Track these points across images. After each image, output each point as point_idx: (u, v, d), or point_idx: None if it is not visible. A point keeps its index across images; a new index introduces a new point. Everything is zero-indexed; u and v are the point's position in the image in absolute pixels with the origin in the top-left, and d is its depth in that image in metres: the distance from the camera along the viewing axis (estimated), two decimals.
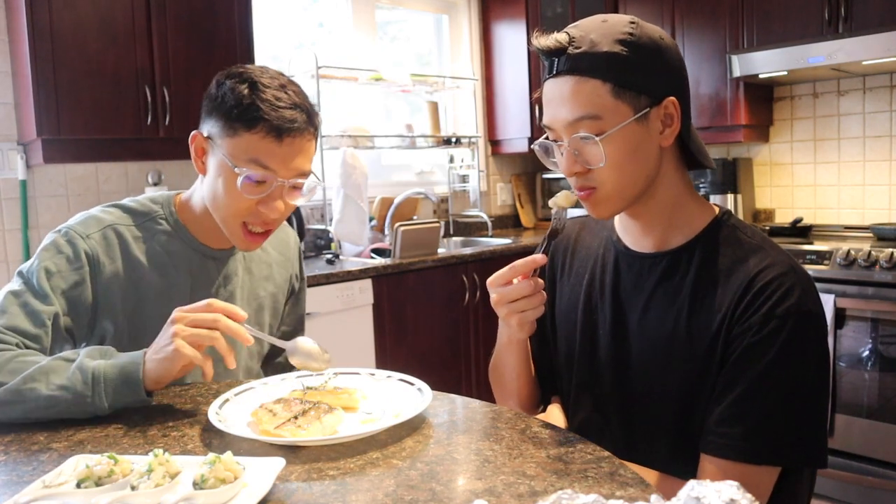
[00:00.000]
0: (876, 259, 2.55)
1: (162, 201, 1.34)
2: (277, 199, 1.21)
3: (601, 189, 1.04)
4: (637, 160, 1.03)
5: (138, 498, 0.77)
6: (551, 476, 0.83)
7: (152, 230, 1.30)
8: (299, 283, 1.53)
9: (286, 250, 1.48)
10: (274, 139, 1.16)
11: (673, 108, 1.03)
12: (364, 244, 3.19)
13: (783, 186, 3.51)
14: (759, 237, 1.08)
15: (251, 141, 1.16)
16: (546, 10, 3.76)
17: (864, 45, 2.72)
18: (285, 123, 1.16)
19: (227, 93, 1.18)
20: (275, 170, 1.18)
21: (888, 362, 2.56)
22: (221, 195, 1.22)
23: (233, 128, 1.17)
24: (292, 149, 1.18)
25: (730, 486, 0.58)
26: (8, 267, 2.63)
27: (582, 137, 1.01)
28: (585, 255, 1.22)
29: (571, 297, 1.22)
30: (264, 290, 1.42)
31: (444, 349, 3.03)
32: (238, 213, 1.22)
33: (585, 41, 1.01)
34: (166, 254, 1.29)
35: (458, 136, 3.76)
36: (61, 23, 2.38)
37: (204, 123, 1.24)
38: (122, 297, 1.26)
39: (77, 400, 1.04)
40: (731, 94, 3.27)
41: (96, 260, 1.24)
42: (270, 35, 3.30)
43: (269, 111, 1.15)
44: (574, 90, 1.01)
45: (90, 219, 1.28)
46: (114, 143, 2.52)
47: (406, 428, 0.99)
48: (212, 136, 1.21)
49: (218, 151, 1.20)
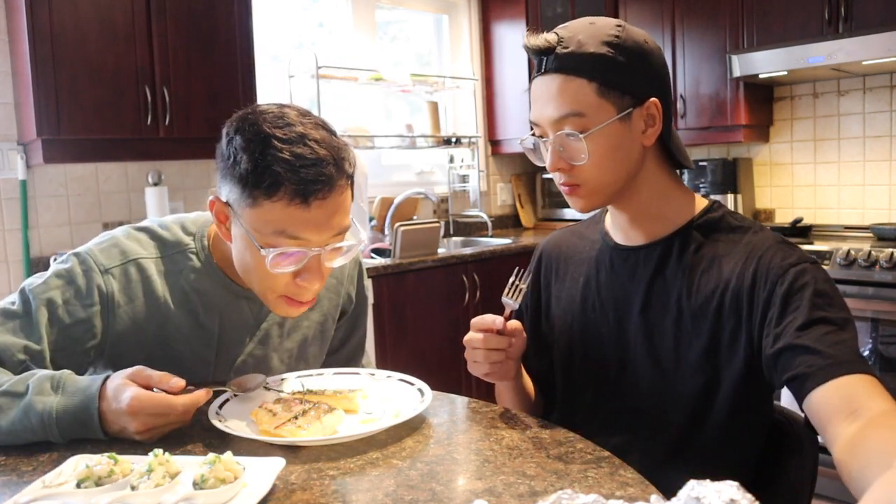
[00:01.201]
0: (876, 259, 2.55)
1: (195, 231, 1.18)
2: (315, 269, 1.05)
3: (584, 186, 1.08)
4: (618, 158, 1.07)
5: (138, 498, 0.77)
6: (551, 476, 0.83)
7: (181, 264, 1.15)
8: (353, 307, 1.34)
9: (339, 272, 1.30)
10: (300, 205, 0.98)
11: (655, 109, 1.07)
12: (364, 244, 3.19)
13: (783, 186, 3.51)
14: (749, 221, 1.13)
15: (274, 210, 0.99)
16: (546, 10, 3.76)
17: (864, 45, 2.72)
18: (311, 186, 0.98)
19: (239, 153, 1.00)
20: (307, 239, 1.01)
21: (888, 362, 2.56)
22: (252, 269, 1.06)
23: (252, 196, 1.00)
24: (324, 211, 1.00)
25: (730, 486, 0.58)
26: (8, 267, 2.63)
27: (567, 134, 1.04)
28: (579, 260, 1.23)
29: (568, 300, 1.22)
30: (308, 319, 1.26)
31: (444, 349, 3.03)
32: (275, 289, 1.07)
33: (573, 42, 1.04)
34: (195, 292, 1.15)
35: (458, 136, 3.76)
36: (61, 23, 2.38)
37: (221, 186, 1.06)
38: (138, 341, 1.13)
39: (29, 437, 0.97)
40: (731, 94, 3.27)
41: (112, 300, 1.11)
42: (270, 35, 3.30)
43: (290, 175, 0.97)
44: (560, 88, 1.04)
45: (114, 248, 1.14)
46: (114, 143, 2.52)
47: (406, 428, 0.99)
48: (231, 205, 1.04)
49: (240, 222, 1.03)
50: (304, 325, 1.26)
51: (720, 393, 1.06)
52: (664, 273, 1.11)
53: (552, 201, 4.17)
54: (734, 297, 1.04)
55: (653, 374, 1.10)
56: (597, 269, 1.19)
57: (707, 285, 1.07)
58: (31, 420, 0.96)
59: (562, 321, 1.22)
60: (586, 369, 1.17)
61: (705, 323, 1.06)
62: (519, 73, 3.85)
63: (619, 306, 1.14)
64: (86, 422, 0.96)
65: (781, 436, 1.16)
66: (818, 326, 0.95)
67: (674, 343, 1.08)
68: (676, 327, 1.08)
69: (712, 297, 1.05)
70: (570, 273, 1.23)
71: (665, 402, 1.09)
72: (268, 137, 0.99)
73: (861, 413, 0.85)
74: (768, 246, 1.05)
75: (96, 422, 0.96)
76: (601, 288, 1.17)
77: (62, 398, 0.97)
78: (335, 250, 1.06)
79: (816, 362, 0.92)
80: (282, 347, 1.25)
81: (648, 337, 1.10)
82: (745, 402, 1.06)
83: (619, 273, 1.15)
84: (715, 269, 1.07)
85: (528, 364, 1.25)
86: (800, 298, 0.98)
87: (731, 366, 1.04)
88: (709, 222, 1.11)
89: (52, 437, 0.97)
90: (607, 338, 1.15)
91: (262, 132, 1.00)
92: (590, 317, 1.18)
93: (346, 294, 1.32)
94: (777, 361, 0.97)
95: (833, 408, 0.88)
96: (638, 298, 1.12)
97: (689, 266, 1.09)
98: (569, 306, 1.21)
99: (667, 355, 1.09)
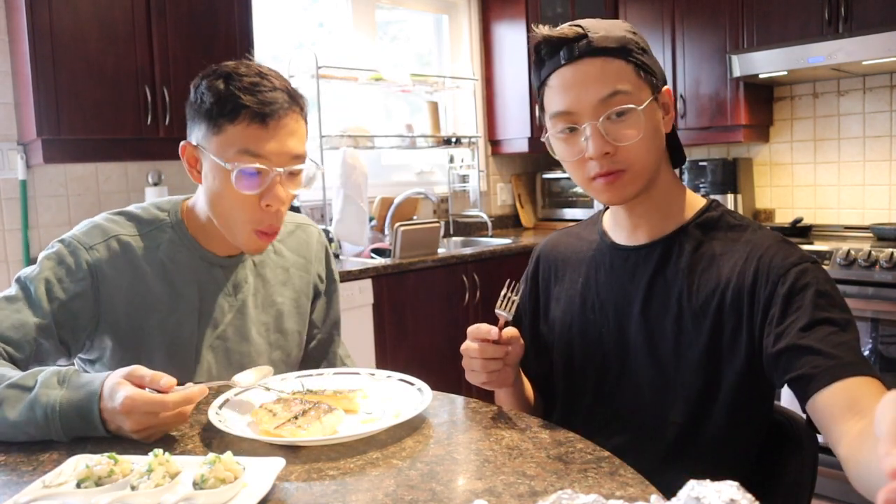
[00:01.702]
0: (876, 259, 2.55)
1: (168, 208, 1.29)
2: (278, 192, 1.16)
3: (629, 170, 1.06)
4: (657, 141, 1.09)
5: (138, 498, 0.77)
6: (551, 476, 0.83)
7: (158, 239, 1.26)
8: (325, 285, 1.45)
9: (306, 251, 1.41)
10: (259, 125, 1.13)
11: (668, 97, 1.10)
12: (364, 244, 3.19)
13: (783, 186, 3.51)
14: (748, 220, 1.13)
15: (237, 132, 1.13)
16: (546, 10, 3.76)
17: (864, 45, 2.72)
18: (267, 107, 1.13)
19: (205, 92, 1.15)
20: (266, 156, 1.14)
21: (888, 362, 2.56)
22: (221, 199, 1.18)
23: (217, 125, 1.14)
24: (280, 132, 1.15)
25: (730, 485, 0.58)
26: (8, 267, 2.63)
27: (617, 113, 1.04)
28: (577, 261, 1.23)
29: (567, 301, 1.22)
30: (282, 295, 1.35)
31: (444, 349, 3.03)
32: (243, 218, 1.18)
33: (601, 28, 1.07)
34: (172, 263, 1.25)
35: (458, 136, 3.76)
36: (61, 23, 2.38)
37: (190, 132, 1.21)
38: (126, 311, 1.22)
39: (32, 432, 0.99)
40: (731, 94, 3.27)
41: (100, 272, 1.21)
42: (270, 35, 3.30)
43: (249, 98, 1.13)
44: (602, 69, 1.05)
45: (94, 228, 1.24)
46: (114, 143, 2.52)
47: (406, 428, 0.99)
48: (200, 143, 1.18)
49: (208, 155, 1.17)
50: (279, 301, 1.35)
51: (721, 392, 1.06)
52: (664, 272, 1.10)
53: (552, 201, 4.17)
54: (735, 295, 1.03)
55: (653, 374, 1.10)
56: (596, 269, 1.19)
57: (707, 284, 1.07)
58: (37, 413, 0.98)
59: (561, 322, 1.22)
60: (586, 370, 1.17)
61: (706, 322, 1.05)
62: (519, 73, 3.85)
63: (618, 306, 1.14)
64: (87, 416, 0.97)
65: (781, 436, 1.16)
66: (821, 327, 0.95)
67: (674, 342, 1.08)
68: (677, 327, 1.08)
69: (713, 296, 1.05)
70: (569, 274, 1.23)
71: (665, 401, 1.09)
72: (229, 74, 1.15)
73: (866, 414, 0.85)
74: (769, 245, 1.05)
75: (97, 417, 0.97)
76: (601, 288, 1.17)
77: (67, 391, 0.99)
78: (293, 174, 1.19)
79: (821, 363, 0.91)
80: (258, 320, 1.32)
81: (648, 337, 1.10)
82: (746, 401, 1.06)
83: (619, 273, 1.15)
84: (715, 268, 1.07)
85: (527, 367, 1.25)
86: (802, 298, 0.98)
87: (731, 365, 1.04)
88: (708, 221, 1.12)
89: (54, 431, 0.98)
90: (607, 338, 1.15)
91: (224, 72, 1.16)
92: (589, 317, 1.17)
93: (317, 274, 1.42)
94: (779, 361, 0.96)
95: (838, 409, 0.88)
96: (638, 298, 1.12)
97: (690, 265, 1.09)
98: (568, 307, 1.21)
99: (667, 355, 1.09)
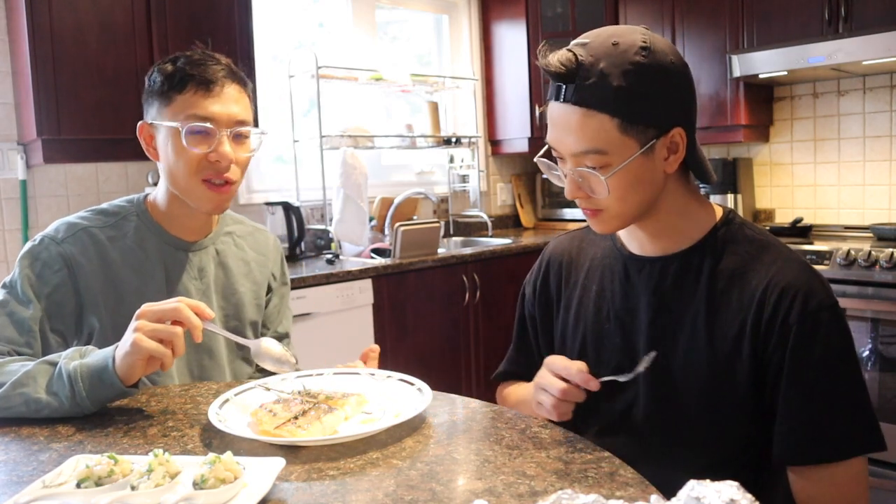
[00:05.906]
0: (876, 259, 2.55)
1: (132, 200, 1.40)
2: (225, 150, 1.27)
3: (606, 212, 1.06)
4: (640, 190, 1.03)
5: (138, 498, 0.77)
6: (551, 476, 0.83)
7: (124, 228, 1.35)
8: (277, 283, 1.55)
9: (265, 250, 1.52)
10: (204, 92, 1.26)
11: (679, 138, 1.02)
12: (364, 244, 3.18)
13: (783, 186, 3.51)
14: (766, 234, 1.10)
15: (184, 100, 1.26)
16: (546, 10, 3.76)
17: (864, 45, 2.72)
18: (214, 75, 1.27)
19: (156, 76, 1.29)
20: (211, 117, 1.26)
21: (888, 362, 2.56)
22: (174, 161, 1.28)
23: (167, 97, 1.27)
24: (224, 98, 1.28)
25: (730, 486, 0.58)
26: (8, 267, 2.63)
27: (588, 170, 1.01)
28: (591, 267, 1.21)
29: (579, 307, 1.20)
30: (243, 286, 1.44)
31: (444, 349, 3.03)
32: (193, 171, 1.28)
33: (594, 72, 0.97)
34: (140, 249, 1.33)
35: (458, 136, 3.76)
36: (61, 23, 2.38)
37: (146, 114, 1.32)
38: (103, 296, 1.29)
39: (61, 401, 1.07)
40: (731, 94, 3.27)
41: (74, 262, 1.28)
42: (270, 35, 3.30)
43: (194, 70, 1.27)
44: (581, 123, 0.98)
45: (62, 224, 1.33)
46: (114, 143, 2.52)
47: (406, 428, 0.99)
48: (154, 120, 1.30)
49: (162, 127, 1.29)
50: (241, 291, 1.44)
51: (727, 407, 1.05)
52: (681, 288, 1.09)
53: (552, 201, 4.17)
54: (753, 325, 1.02)
55: (661, 386, 1.09)
56: (610, 278, 1.17)
57: (726, 307, 1.05)
58: (63, 380, 1.07)
59: (573, 328, 1.20)
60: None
61: (717, 341, 1.05)
62: (519, 74, 3.85)
63: (631, 316, 1.13)
64: (102, 373, 1.06)
65: None
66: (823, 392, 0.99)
67: (684, 357, 1.07)
68: (688, 342, 1.07)
69: (729, 320, 1.04)
70: (581, 280, 1.22)
71: (672, 414, 1.09)
72: (177, 58, 1.29)
73: None
74: (793, 277, 1.02)
75: (111, 369, 1.06)
76: (615, 298, 1.15)
77: (87, 359, 1.10)
78: (240, 138, 1.31)
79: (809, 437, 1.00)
80: (219, 307, 1.41)
81: (659, 349, 1.09)
82: (751, 414, 1.06)
83: (634, 283, 1.13)
84: (736, 291, 1.05)
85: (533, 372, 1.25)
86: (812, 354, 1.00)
87: (739, 385, 1.04)
88: (726, 235, 1.09)
89: (78, 396, 1.06)
90: (619, 347, 1.14)
91: (172, 57, 1.30)
92: (604, 327, 1.16)
93: (271, 272, 1.54)
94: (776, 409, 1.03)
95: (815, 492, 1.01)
96: (651, 310, 1.10)
97: (707, 283, 1.07)
98: (580, 314, 1.20)
99: (677, 368, 1.08)
